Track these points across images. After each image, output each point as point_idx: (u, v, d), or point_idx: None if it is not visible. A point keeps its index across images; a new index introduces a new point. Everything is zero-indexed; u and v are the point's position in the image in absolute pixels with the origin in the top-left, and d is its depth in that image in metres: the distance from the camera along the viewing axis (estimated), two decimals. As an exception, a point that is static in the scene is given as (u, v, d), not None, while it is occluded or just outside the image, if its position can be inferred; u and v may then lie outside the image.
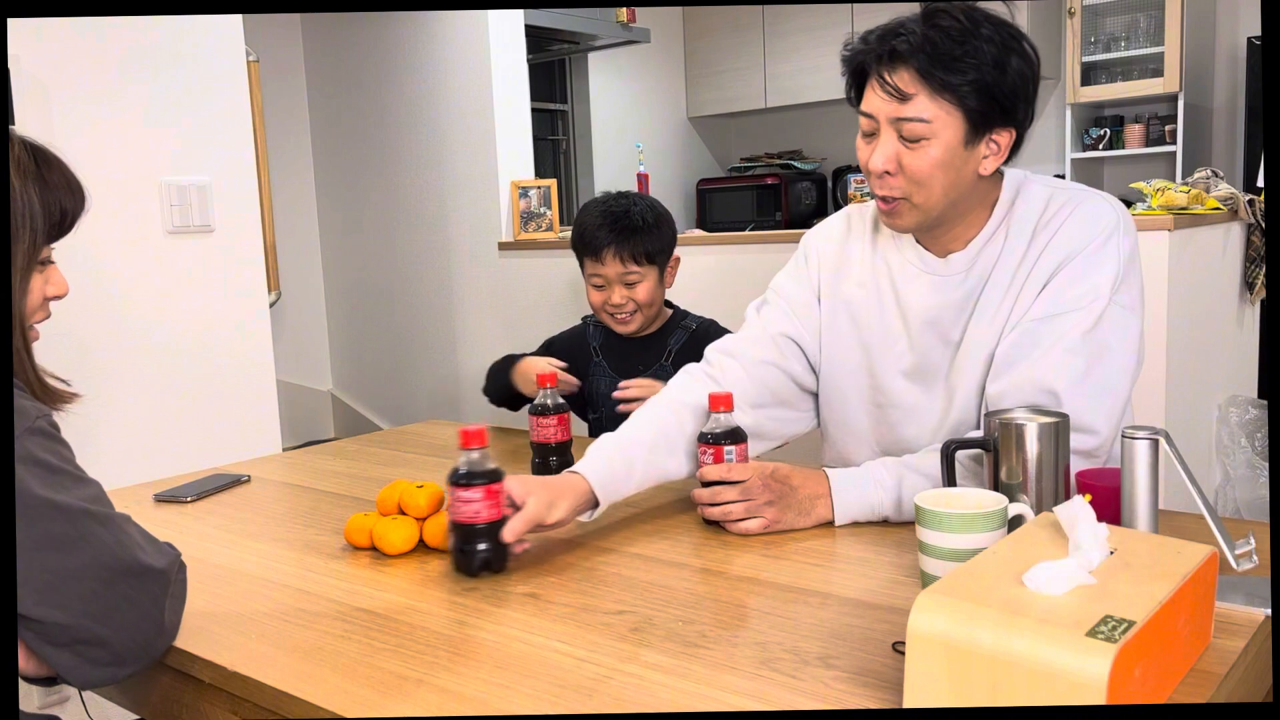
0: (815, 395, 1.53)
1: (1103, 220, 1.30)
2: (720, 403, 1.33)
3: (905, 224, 1.34)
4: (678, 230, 2.02)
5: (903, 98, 1.25)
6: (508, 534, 1.17)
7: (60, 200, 1.03)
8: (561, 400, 1.62)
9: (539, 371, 1.66)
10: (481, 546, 1.16)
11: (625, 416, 1.45)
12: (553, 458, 1.60)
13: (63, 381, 1.04)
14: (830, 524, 1.30)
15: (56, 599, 0.88)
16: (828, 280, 1.49)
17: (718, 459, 1.31)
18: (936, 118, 1.25)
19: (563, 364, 1.87)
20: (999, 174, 1.37)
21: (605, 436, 1.37)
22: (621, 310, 1.91)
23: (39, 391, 1.02)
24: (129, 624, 0.94)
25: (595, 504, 1.30)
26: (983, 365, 1.35)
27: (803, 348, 1.50)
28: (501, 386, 1.93)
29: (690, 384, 1.47)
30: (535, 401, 1.62)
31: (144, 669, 0.99)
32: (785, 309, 1.51)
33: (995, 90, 1.25)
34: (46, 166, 1.02)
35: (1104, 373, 1.27)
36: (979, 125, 1.26)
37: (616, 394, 1.70)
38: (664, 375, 1.89)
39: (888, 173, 1.29)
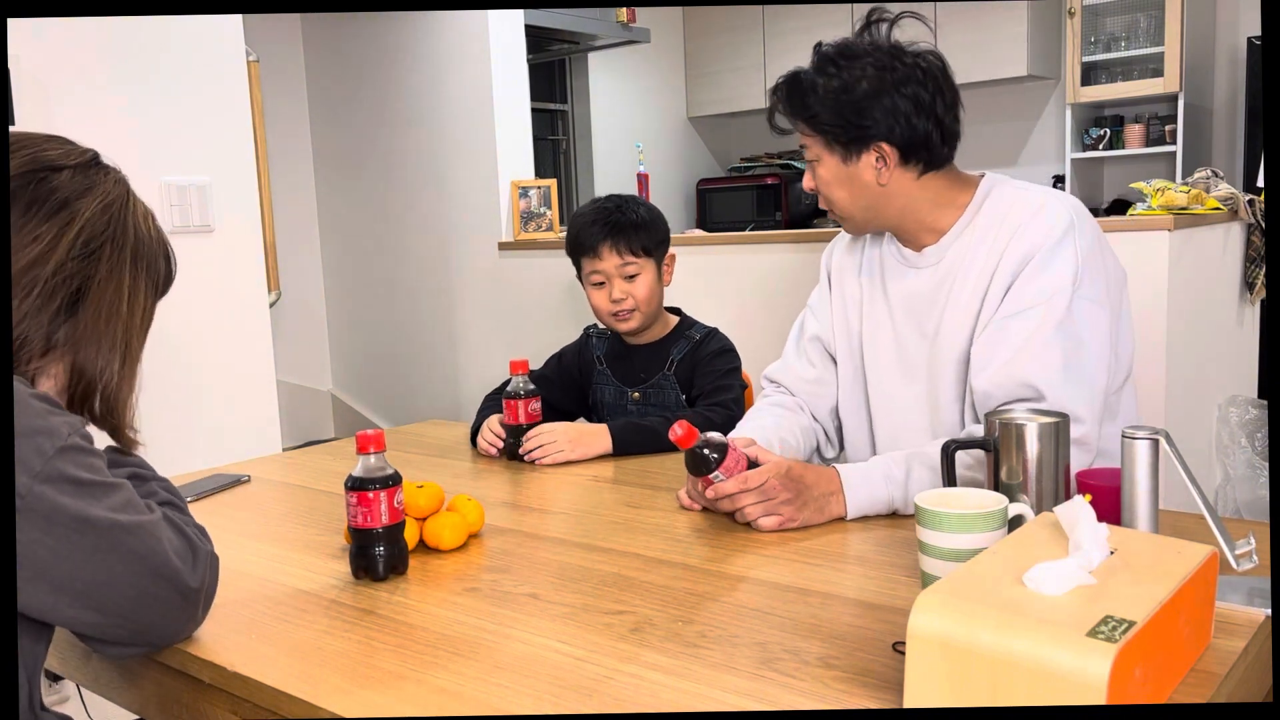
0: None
1: (1059, 220, 1.38)
2: (688, 440, 1.32)
3: (848, 229, 1.56)
4: (674, 230, 2.02)
5: (785, 131, 1.48)
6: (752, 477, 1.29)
7: (172, 267, 1.08)
8: (532, 387, 1.76)
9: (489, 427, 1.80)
10: (381, 549, 1.17)
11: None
12: (523, 439, 1.74)
13: (135, 430, 1.07)
14: (841, 519, 1.32)
15: (89, 604, 0.90)
16: (836, 282, 1.64)
17: (706, 484, 1.31)
18: (811, 144, 1.46)
19: (501, 434, 1.80)
20: (970, 178, 1.49)
21: (739, 427, 1.57)
22: (621, 306, 1.90)
23: (119, 436, 1.05)
24: (160, 618, 0.97)
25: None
26: (956, 358, 1.45)
27: (824, 344, 1.65)
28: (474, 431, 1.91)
29: (771, 398, 1.67)
30: (508, 388, 1.76)
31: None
32: (812, 314, 1.68)
33: (850, 117, 1.40)
34: (162, 232, 1.07)
35: (1079, 363, 1.34)
36: (846, 144, 1.42)
37: (523, 449, 1.73)
38: (666, 384, 1.92)
39: (813, 189, 1.50)
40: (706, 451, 1.28)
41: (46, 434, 0.87)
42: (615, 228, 1.89)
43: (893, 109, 1.39)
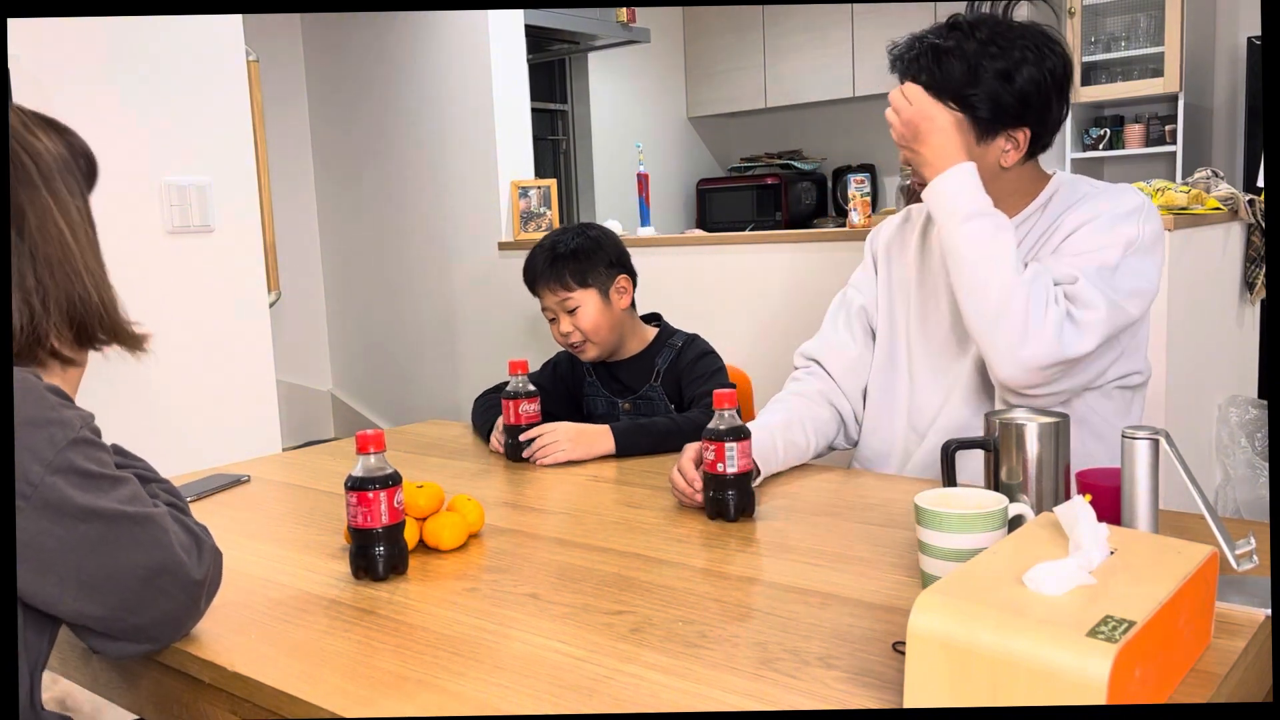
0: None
1: (1130, 200, 1.43)
2: (724, 400, 1.34)
3: None
4: (674, 230, 2.01)
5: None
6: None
7: (83, 146, 1.02)
8: (531, 387, 1.75)
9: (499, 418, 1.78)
10: (381, 549, 1.17)
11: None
12: (522, 439, 1.74)
13: (137, 323, 1.05)
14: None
15: (95, 596, 0.90)
16: (883, 262, 1.67)
17: (720, 456, 1.32)
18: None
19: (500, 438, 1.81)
20: (1044, 173, 1.52)
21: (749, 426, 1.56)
22: (569, 339, 1.92)
23: (128, 341, 1.03)
24: (164, 613, 0.96)
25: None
26: None
27: (869, 316, 1.67)
28: (483, 430, 1.91)
29: (799, 382, 1.68)
30: (508, 388, 1.75)
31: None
32: (856, 290, 1.70)
33: (1000, 99, 1.40)
34: (49, 122, 1.00)
35: (1116, 293, 1.37)
36: (989, 128, 1.42)
37: (527, 453, 1.72)
38: (653, 395, 1.92)
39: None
40: (732, 417, 1.34)
41: (59, 425, 0.87)
42: (548, 263, 1.91)
43: (1045, 97, 1.41)
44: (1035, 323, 1.33)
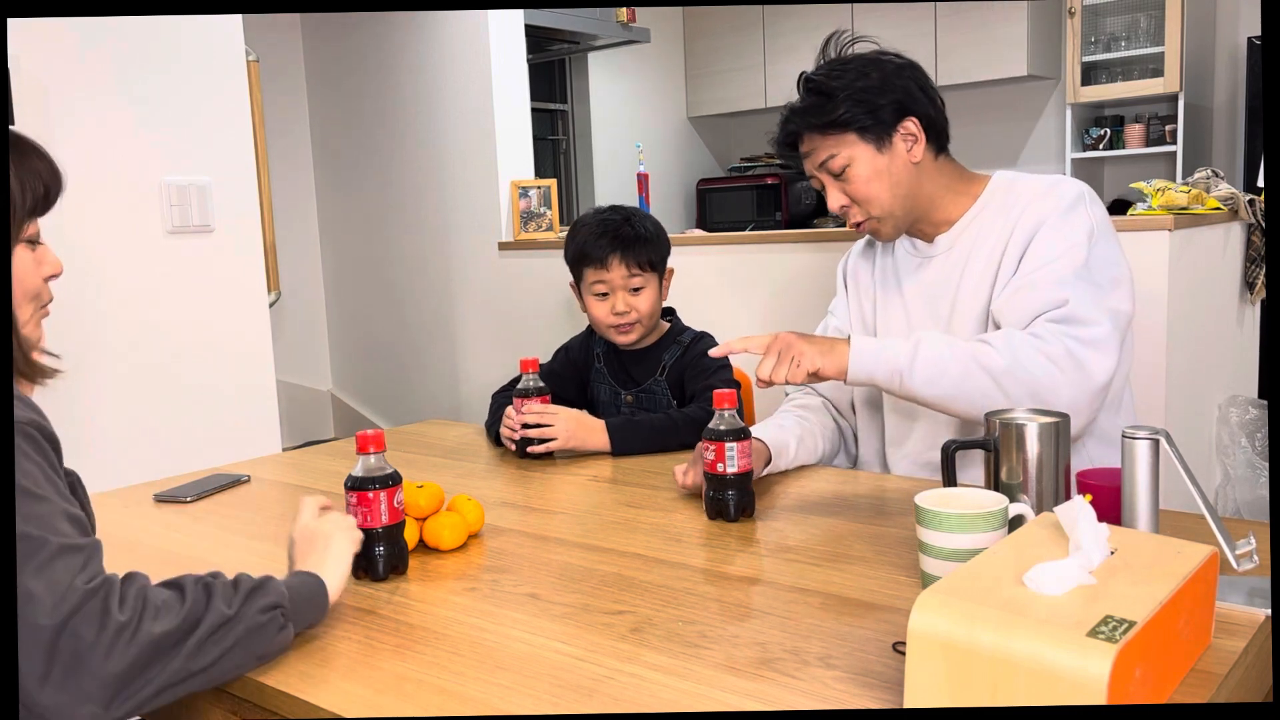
0: None
1: (1069, 192, 1.47)
2: (724, 400, 1.34)
3: (886, 235, 1.57)
4: (674, 230, 2.03)
5: (807, 154, 1.54)
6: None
7: (39, 171, 0.99)
8: (542, 385, 1.75)
9: (515, 397, 1.77)
10: (381, 549, 1.17)
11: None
12: (523, 415, 1.75)
13: (53, 355, 1.01)
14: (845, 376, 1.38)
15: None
16: (851, 283, 1.73)
17: (720, 456, 1.32)
18: (839, 148, 1.50)
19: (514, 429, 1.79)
20: (979, 175, 1.58)
21: (760, 426, 1.59)
22: (625, 319, 1.90)
23: (21, 366, 0.97)
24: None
25: (767, 462, 1.49)
26: (971, 330, 1.50)
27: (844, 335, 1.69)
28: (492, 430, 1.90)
29: (796, 399, 1.74)
30: (519, 386, 1.76)
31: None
32: (832, 314, 1.76)
33: (875, 101, 1.48)
34: (15, 146, 0.98)
35: (1101, 290, 1.40)
36: (879, 131, 1.49)
37: (520, 420, 1.73)
38: (658, 389, 1.93)
39: (844, 206, 1.55)
40: (733, 417, 1.34)
41: None
42: (625, 241, 1.89)
43: (906, 88, 1.49)
44: (1049, 380, 1.34)
